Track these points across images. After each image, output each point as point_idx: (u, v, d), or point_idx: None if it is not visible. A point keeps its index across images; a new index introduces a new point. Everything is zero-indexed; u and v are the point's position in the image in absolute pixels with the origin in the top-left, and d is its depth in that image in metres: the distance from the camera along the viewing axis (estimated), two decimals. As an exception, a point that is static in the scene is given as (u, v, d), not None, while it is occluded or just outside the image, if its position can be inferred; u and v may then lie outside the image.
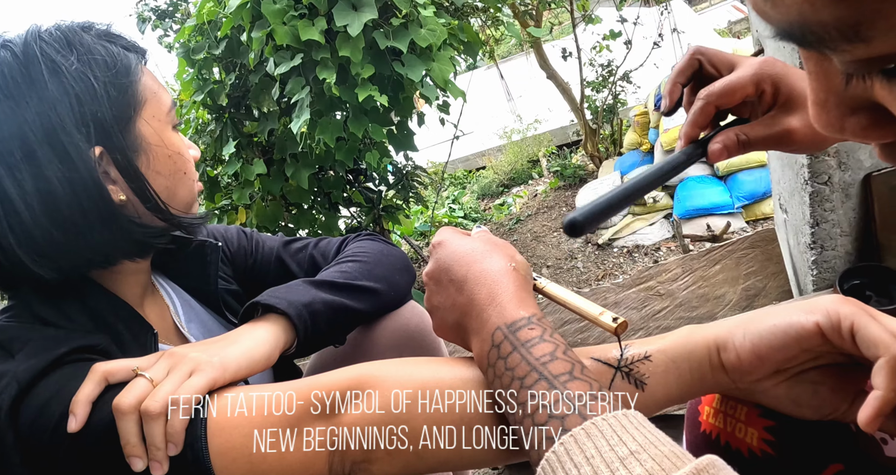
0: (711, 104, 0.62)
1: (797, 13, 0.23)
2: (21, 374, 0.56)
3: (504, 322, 0.52)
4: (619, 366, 0.55)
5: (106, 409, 0.56)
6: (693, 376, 0.54)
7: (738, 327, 0.53)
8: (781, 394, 0.54)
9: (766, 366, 0.52)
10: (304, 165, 3.23)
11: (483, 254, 0.58)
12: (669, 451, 0.41)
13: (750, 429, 0.57)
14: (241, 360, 0.64)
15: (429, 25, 2.86)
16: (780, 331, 0.50)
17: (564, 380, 0.47)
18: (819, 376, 0.53)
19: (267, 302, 0.71)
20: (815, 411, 0.53)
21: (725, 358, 0.53)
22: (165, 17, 4.60)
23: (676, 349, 0.55)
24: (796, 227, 1.17)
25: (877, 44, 0.22)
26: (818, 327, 0.49)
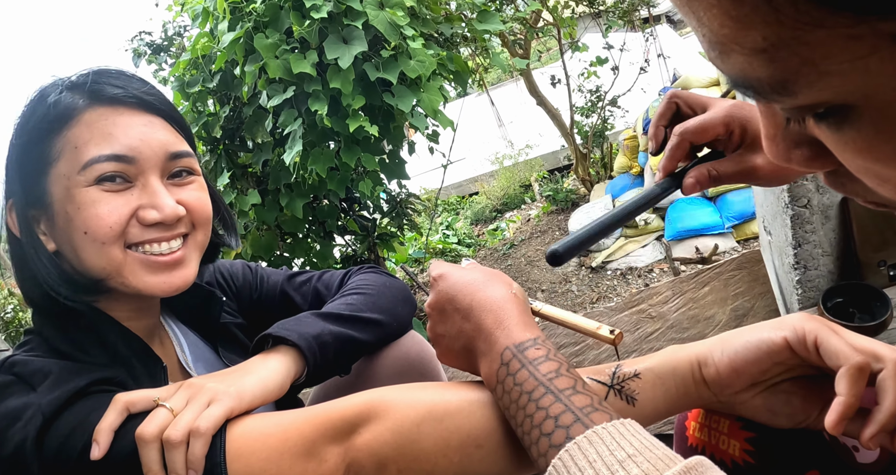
0: (686, 141, 0.68)
1: (740, 71, 0.27)
2: (45, 406, 0.59)
3: (512, 342, 0.57)
4: (612, 385, 0.61)
5: (127, 438, 0.59)
6: (678, 391, 0.60)
7: (716, 345, 0.60)
8: (758, 404, 0.59)
9: (742, 378, 0.58)
10: (297, 195, 3.26)
11: (484, 284, 0.63)
12: (662, 454, 0.46)
13: (732, 441, 0.62)
14: (256, 390, 0.67)
15: (418, 57, 2.92)
16: (754, 347, 0.57)
17: (569, 394, 0.52)
18: (791, 387, 0.59)
19: (278, 334, 0.73)
20: (789, 419, 0.59)
21: (706, 373, 0.59)
22: (160, 52, 4.66)
23: (662, 367, 0.61)
24: (780, 249, 1.20)
25: (801, 97, 0.27)
26: (786, 342, 0.56)
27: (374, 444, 0.58)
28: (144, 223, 0.70)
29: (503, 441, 0.58)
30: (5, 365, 0.65)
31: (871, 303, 1.05)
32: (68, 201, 0.69)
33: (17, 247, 0.73)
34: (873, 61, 0.24)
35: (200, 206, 0.76)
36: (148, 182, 0.71)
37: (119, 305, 0.75)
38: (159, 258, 0.71)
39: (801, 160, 0.32)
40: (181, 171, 0.75)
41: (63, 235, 0.70)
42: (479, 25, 3.35)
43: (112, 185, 0.69)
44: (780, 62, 0.25)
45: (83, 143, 0.69)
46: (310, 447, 0.59)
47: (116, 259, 0.69)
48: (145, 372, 0.73)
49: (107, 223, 0.68)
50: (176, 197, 0.73)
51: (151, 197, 0.70)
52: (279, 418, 0.62)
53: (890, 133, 0.26)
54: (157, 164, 0.72)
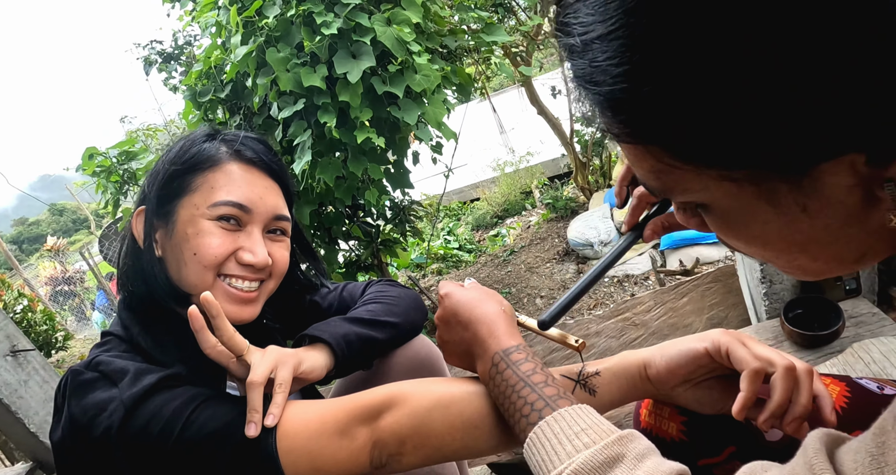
0: (643, 201, 0.84)
1: (643, 177, 0.46)
2: (127, 400, 0.72)
3: (501, 348, 0.74)
4: (578, 380, 0.80)
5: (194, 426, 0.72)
6: (629, 386, 0.80)
7: (657, 351, 0.80)
8: (689, 396, 0.79)
9: (675, 377, 0.78)
10: (305, 202, 3.38)
11: (480, 301, 0.81)
12: (607, 428, 0.63)
13: (671, 423, 0.83)
14: (307, 365, 0.85)
15: (423, 71, 3.04)
16: (684, 354, 0.77)
17: (541, 387, 0.69)
18: (713, 383, 0.79)
19: (313, 333, 0.91)
20: (711, 407, 0.78)
21: (650, 372, 0.79)
22: (171, 60, 4.78)
23: (617, 367, 0.81)
24: (750, 264, 1.32)
25: (677, 198, 0.45)
26: (706, 351, 0.76)
27: (394, 426, 0.75)
28: (241, 261, 0.86)
29: (495, 422, 0.75)
30: (91, 364, 0.79)
31: (827, 315, 1.18)
32: (190, 225, 0.85)
33: (135, 249, 0.89)
34: (710, 186, 0.42)
35: (282, 262, 0.92)
36: (253, 231, 0.88)
37: None
38: (239, 293, 0.87)
39: (696, 226, 0.50)
40: (277, 229, 0.92)
41: (174, 249, 0.86)
42: (487, 37, 3.47)
43: (227, 224, 0.86)
44: (661, 180, 0.44)
45: (219, 187, 0.86)
46: (343, 428, 0.75)
47: (207, 282, 0.85)
48: (208, 371, 0.86)
49: (214, 252, 0.84)
50: (267, 248, 0.89)
51: (252, 243, 0.87)
52: (317, 406, 0.79)
53: (731, 224, 0.45)
54: (263, 219, 0.88)
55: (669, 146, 0.41)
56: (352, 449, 0.75)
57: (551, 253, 5.23)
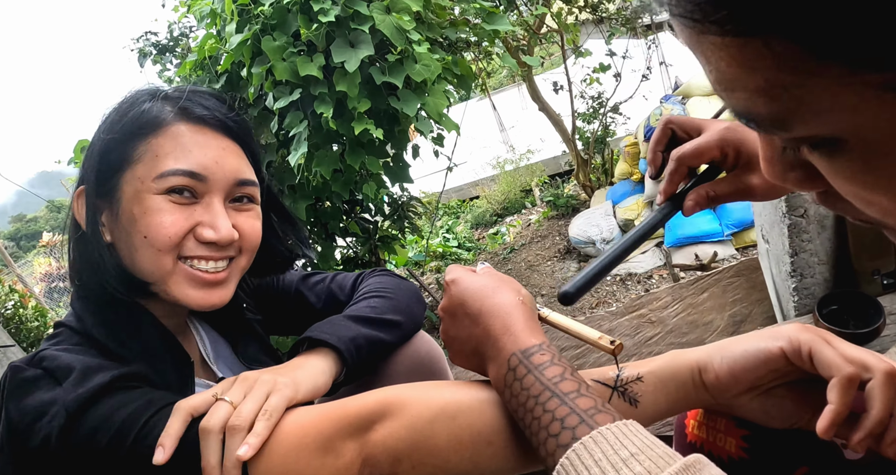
0: (684, 165, 0.73)
1: (743, 106, 0.31)
2: (70, 403, 0.61)
3: (518, 348, 0.60)
4: (616, 386, 0.64)
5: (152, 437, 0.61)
6: (678, 394, 0.64)
7: (715, 352, 0.64)
8: (754, 407, 0.63)
9: (740, 384, 0.62)
10: (301, 197, 3.28)
11: (494, 290, 0.66)
12: (663, 452, 0.49)
13: (729, 438, 0.67)
14: (309, 383, 0.71)
15: (423, 61, 2.95)
16: (752, 355, 0.61)
17: (573, 397, 0.55)
18: (785, 391, 0.63)
19: (318, 337, 0.78)
20: (783, 421, 0.63)
21: (706, 378, 0.63)
22: (166, 52, 4.69)
23: (664, 371, 0.65)
24: (777, 257, 1.23)
25: (796, 131, 0.31)
26: (782, 351, 0.60)
27: (389, 440, 0.61)
28: (200, 239, 0.74)
29: (512, 438, 0.61)
30: (35, 359, 0.68)
31: (864, 311, 1.08)
32: (136, 203, 0.72)
33: (80, 236, 0.78)
34: (861, 105, 0.27)
35: (252, 234, 0.80)
36: (212, 202, 0.75)
37: (157, 303, 0.78)
38: (204, 275, 0.75)
39: (795, 182, 0.36)
40: (243, 197, 0.79)
41: (123, 233, 0.74)
42: (488, 26, 3.38)
43: (179, 197, 0.73)
44: (778, 102, 0.29)
45: (164, 154, 0.73)
46: (327, 443, 0.62)
47: (166, 267, 0.73)
48: (173, 367, 0.76)
49: (166, 233, 0.72)
50: (233, 220, 0.76)
51: (212, 216, 0.74)
52: (297, 415, 0.65)
53: (875, 165, 0.30)
54: (223, 186, 0.76)
55: (805, 36, 0.26)
56: (337, 467, 0.61)
57: (552, 251, 5.14)
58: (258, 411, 0.64)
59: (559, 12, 5.01)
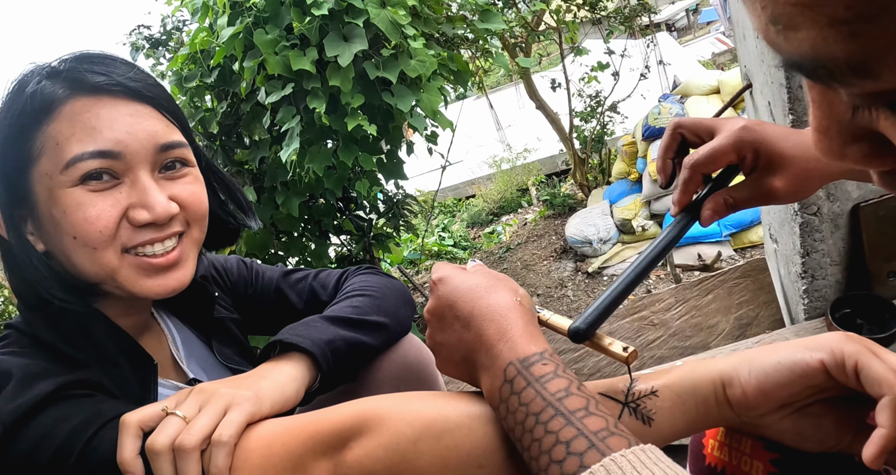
0: (698, 172, 0.66)
1: (809, 48, 0.23)
2: (7, 416, 0.55)
3: (516, 357, 0.52)
4: (627, 402, 0.55)
5: (98, 452, 0.55)
6: (699, 411, 0.54)
7: (742, 363, 0.54)
8: (786, 427, 0.54)
9: (771, 401, 0.53)
10: (294, 193, 3.23)
11: (488, 290, 0.58)
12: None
13: (755, 462, 0.58)
14: (275, 395, 0.63)
15: (418, 56, 2.90)
16: (785, 369, 0.52)
17: (581, 416, 0.47)
18: (822, 410, 0.54)
19: (289, 340, 0.70)
20: (819, 444, 0.54)
21: (731, 393, 0.54)
22: (159, 46, 4.64)
23: (682, 384, 0.55)
24: (787, 257, 1.18)
25: (885, 79, 0.23)
26: (822, 365, 0.51)
27: (365, 461, 0.53)
28: (135, 224, 0.65)
29: (506, 461, 0.53)
30: None
31: (879, 315, 1.03)
32: (53, 204, 0.63)
33: (6, 248, 0.68)
34: None
35: (195, 202, 0.71)
36: (137, 178, 0.66)
37: (110, 302, 0.71)
38: (154, 260, 0.67)
39: (858, 157, 0.28)
40: (174, 162, 0.69)
41: (52, 239, 0.65)
42: (482, 24, 3.32)
43: (98, 183, 0.64)
44: (863, 37, 0.22)
45: (65, 139, 0.63)
46: (296, 462, 0.54)
47: (110, 264, 0.65)
48: (132, 371, 0.68)
49: (96, 227, 0.63)
50: (168, 192, 0.67)
51: (141, 195, 0.65)
52: (262, 430, 0.58)
53: None
54: (146, 157, 0.66)
55: None
56: None
57: (548, 250, 5.09)
58: (213, 428, 0.56)
59: (558, 9, 4.96)
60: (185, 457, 0.54)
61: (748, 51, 1.10)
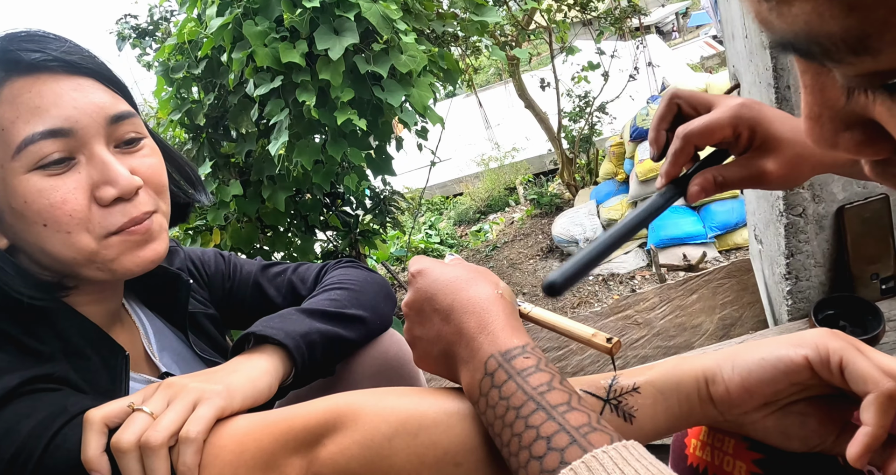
0: (691, 144, 0.63)
1: (804, 23, 0.22)
2: None
3: (498, 350, 0.50)
4: (609, 398, 0.54)
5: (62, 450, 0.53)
6: (681, 408, 0.53)
7: (726, 360, 0.53)
8: (770, 425, 0.53)
9: (754, 399, 0.52)
10: (281, 188, 3.21)
11: (468, 282, 0.56)
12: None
13: (738, 462, 0.56)
14: (247, 390, 0.61)
15: (409, 51, 2.89)
16: (769, 365, 0.51)
17: (563, 411, 0.46)
18: (807, 408, 0.53)
19: (262, 332, 0.68)
20: (803, 442, 0.53)
21: (714, 390, 0.53)
22: (145, 36, 4.59)
23: (665, 381, 0.54)
24: (771, 258, 1.18)
25: (884, 57, 0.21)
26: (807, 361, 0.50)
27: (339, 459, 0.52)
28: (104, 202, 0.62)
29: (485, 459, 0.52)
30: None
31: (862, 317, 1.04)
32: (10, 195, 0.60)
33: None
34: None
35: (156, 174, 0.68)
36: (93, 154, 0.62)
37: (79, 293, 0.68)
38: (130, 236, 0.64)
39: (851, 145, 0.27)
40: (130, 138, 0.66)
41: (18, 232, 0.62)
42: (476, 17, 3.31)
43: (56, 168, 0.60)
44: (862, 10, 0.20)
45: (9, 123, 0.59)
46: (268, 460, 0.53)
47: (88, 247, 0.62)
48: (102, 364, 0.66)
49: (65, 211, 0.60)
50: (127, 166, 0.65)
51: (102, 171, 0.62)
52: (233, 427, 0.56)
53: None
54: (98, 131, 0.63)
55: None
56: None
57: (535, 249, 5.10)
58: (181, 424, 0.54)
59: (549, 9, 4.97)
60: (152, 454, 0.52)
61: (736, 51, 1.10)
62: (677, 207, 4.32)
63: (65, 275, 0.65)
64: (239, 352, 0.69)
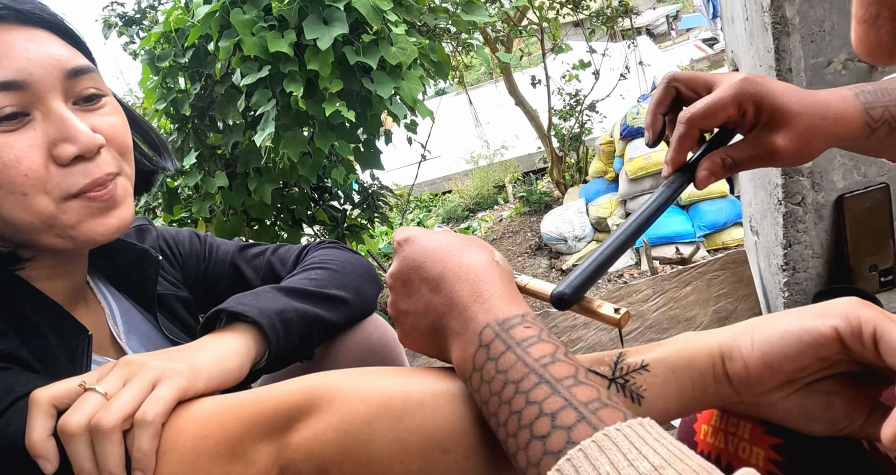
0: (695, 128, 0.61)
1: None
2: None
3: (494, 319, 0.45)
4: (615, 377, 0.49)
5: (8, 430, 0.48)
6: (695, 388, 0.48)
7: (744, 334, 0.48)
8: (792, 406, 0.48)
9: (776, 376, 0.46)
10: (267, 180, 3.16)
11: (460, 249, 0.51)
12: (698, 465, 0.35)
13: (755, 449, 0.51)
14: (213, 369, 0.56)
15: (399, 43, 2.85)
16: (794, 338, 0.45)
17: (569, 385, 0.41)
18: (834, 386, 0.47)
19: (234, 309, 0.63)
20: (829, 425, 0.48)
21: (731, 368, 0.47)
22: (132, 24, 4.51)
23: (676, 358, 0.49)
24: (768, 249, 1.16)
25: None
26: (836, 333, 0.44)
27: (313, 445, 0.47)
28: (62, 161, 0.57)
29: (477, 445, 0.47)
30: None
31: (861, 309, 1.01)
32: None
33: None
34: None
35: (119, 133, 0.63)
36: (50, 110, 0.57)
37: (37, 267, 0.63)
38: (93, 194, 0.59)
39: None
40: (90, 95, 0.61)
41: None
42: (466, 16, 3.28)
43: (9, 124, 0.55)
44: None
45: None
46: (234, 446, 0.47)
47: (46, 210, 0.57)
48: (61, 343, 0.61)
49: (20, 171, 0.55)
50: (88, 124, 0.59)
51: (60, 127, 0.57)
52: (196, 410, 0.50)
53: None
54: (54, 85, 0.58)
55: None
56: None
57: (523, 247, 5.08)
58: (137, 406, 0.48)
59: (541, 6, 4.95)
60: (104, 438, 0.47)
61: (736, 35, 1.07)
62: (667, 206, 4.31)
63: (20, 245, 0.60)
64: (210, 331, 0.64)
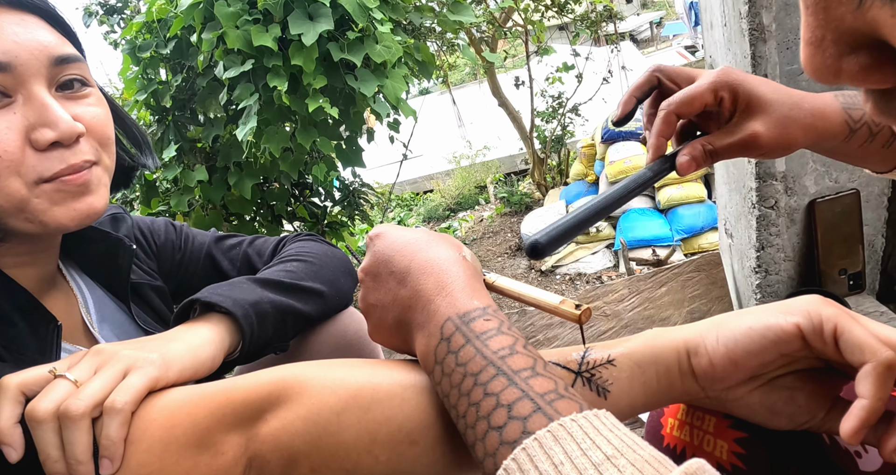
0: (672, 113, 0.62)
1: None
2: None
3: (455, 312, 0.46)
4: (580, 371, 0.50)
5: None
6: (660, 383, 0.49)
7: (709, 330, 0.49)
8: (755, 401, 0.50)
9: (740, 371, 0.48)
10: (248, 175, 3.14)
11: (428, 244, 0.52)
12: (650, 456, 0.36)
13: (719, 442, 0.53)
14: (186, 360, 0.55)
15: (384, 41, 2.85)
16: (757, 334, 0.47)
17: (526, 377, 0.41)
18: (796, 382, 0.49)
19: (208, 299, 0.62)
20: (791, 420, 0.50)
21: (696, 363, 0.49)
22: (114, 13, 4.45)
23: (643, 353, 0.50)
24: (741, 251, 1.18)
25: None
26: (798, 330, 0.46)
27: (282, 435, 0.47)
28: (40, 146, 0.56)
29: (443, 437, 0.48)
30: None
31: (829, 311, 1.03)
32: None
33: None
34: None
35: (101, 125, 0.62)
36: (32, 94, 0.57)
37: (5, 253, 0.62)
38: (66, 178, 0.59)
39: (856, 70, 0.24)
40: (72, 81, 0.61)
41: None
42: (452, 16, 3.29)
43: None
44: None
45: None
46: (202, 436, 0.47)
47: (18, 193, 0.56)
48: (30, 331, 0.60)
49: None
50: (70, 112, 0.59)
51: (40, 113, 0.56)
52: (165, 400, 0.50)
53: None
54: (39, 70, 0.57)
55: None
56: (215, 468, 0.47)
57: (503, 247, 5.10)
58: (107, 394, 0.48)
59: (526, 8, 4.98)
60: (72, 425, 0.46)
61: (714, 40, 1.09)
62: (645, 210, 4.36)
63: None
64: (183, 321, 0.64)
